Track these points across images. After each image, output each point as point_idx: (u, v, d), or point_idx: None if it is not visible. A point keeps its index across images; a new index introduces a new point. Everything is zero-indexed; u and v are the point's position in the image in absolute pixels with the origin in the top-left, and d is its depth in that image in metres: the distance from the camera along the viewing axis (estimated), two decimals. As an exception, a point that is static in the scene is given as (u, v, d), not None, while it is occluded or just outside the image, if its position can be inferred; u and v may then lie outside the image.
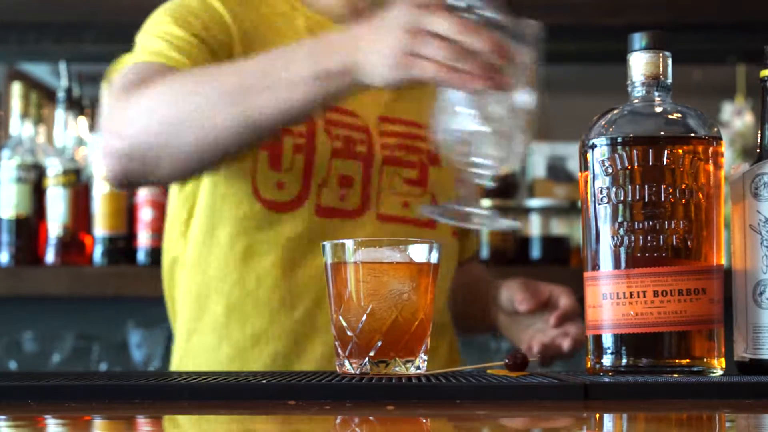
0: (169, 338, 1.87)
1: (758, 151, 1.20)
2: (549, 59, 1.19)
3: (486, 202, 2.48)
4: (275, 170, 1.55)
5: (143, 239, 2.35)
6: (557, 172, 2.65)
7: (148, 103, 1.38)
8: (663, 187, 1.14)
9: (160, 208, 2.29)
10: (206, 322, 1.56)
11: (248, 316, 1.54)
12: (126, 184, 1.47)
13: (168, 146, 1.37)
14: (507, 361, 1.19)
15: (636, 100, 1.19)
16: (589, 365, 1.17)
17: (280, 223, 1.55)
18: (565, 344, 1.49)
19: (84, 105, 2.49)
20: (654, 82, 1.18)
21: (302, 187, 1.56)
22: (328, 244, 1.17)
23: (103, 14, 2.38)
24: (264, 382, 1.06)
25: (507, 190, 2.61)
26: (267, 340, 1.55)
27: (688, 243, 1.14)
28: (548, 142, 2.69)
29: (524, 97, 1.21)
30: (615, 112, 1.18)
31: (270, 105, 1.32)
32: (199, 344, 1.57)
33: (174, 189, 1.62)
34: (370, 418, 0.94)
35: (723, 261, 1.16)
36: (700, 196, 1.15)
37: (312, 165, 1.56)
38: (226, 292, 1.54)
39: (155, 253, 2.22)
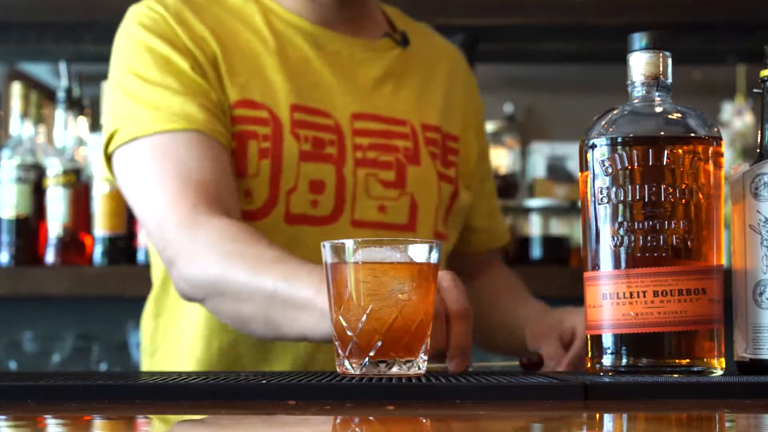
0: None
1: (758, 151, 1.20)
2: (549, 59, 1.19)
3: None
4: (242, 177, 1.51)
5: (143, 239, 2.34)
6: (557, 172, 2.65)
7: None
8: (663, 187, 1.14)
9: (160, 208, 2.28)
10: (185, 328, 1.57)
11: (219, 331, 1.54)
12: None
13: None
14: (522, 360, 1.19)
15: (636, 100, 1.19)
16: (589, 365, 1.17)
17: None
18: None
19: (84, 105, 2.49)
20: (654, 82, 1.18)
21: (270, 195, 1.51)
22: (327, 244, 1.17)
23: (103, 14, 2.37)
24: (264, 382, 1.06)
25: (507, 190, 2.60)
26: (235, 355, 1.54)
27: (688, 243, 1.14)
28: (548, 142, 2.69)
29: None
30: (615, 112, 1.18)
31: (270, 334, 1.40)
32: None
33: None
34: (370, 418, 0.94)
35: (723, 261, 1.16)
36: (700, 196, 1.15)
37: (279, 170, 1.51)
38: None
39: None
